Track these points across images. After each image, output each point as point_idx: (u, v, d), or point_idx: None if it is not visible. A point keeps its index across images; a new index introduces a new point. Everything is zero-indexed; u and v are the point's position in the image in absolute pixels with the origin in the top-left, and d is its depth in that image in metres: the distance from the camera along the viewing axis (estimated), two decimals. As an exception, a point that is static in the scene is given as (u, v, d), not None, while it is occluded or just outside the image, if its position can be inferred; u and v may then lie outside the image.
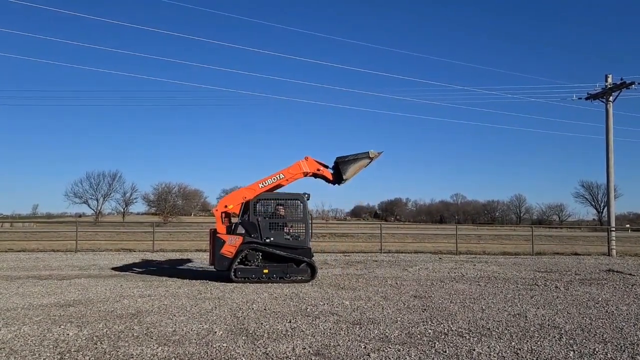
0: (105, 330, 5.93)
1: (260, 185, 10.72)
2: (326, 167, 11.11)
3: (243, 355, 5.00)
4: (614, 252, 20.28)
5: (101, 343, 5.37)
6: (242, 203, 10.50)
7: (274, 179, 10.76)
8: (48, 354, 4.95)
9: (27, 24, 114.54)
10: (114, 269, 12.99)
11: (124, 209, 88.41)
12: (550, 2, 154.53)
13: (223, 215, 10.51)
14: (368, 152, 10.95)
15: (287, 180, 10.90)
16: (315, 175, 11.13)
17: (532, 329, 6.35)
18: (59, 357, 4.88)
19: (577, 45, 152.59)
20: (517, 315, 7.19)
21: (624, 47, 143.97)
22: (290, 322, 6.54)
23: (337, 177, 10.93)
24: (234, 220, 10.81)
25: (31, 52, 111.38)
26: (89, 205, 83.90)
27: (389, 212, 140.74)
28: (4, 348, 5.16)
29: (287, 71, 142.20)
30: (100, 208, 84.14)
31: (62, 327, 6.11)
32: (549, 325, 6.59)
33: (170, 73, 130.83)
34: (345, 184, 11.09)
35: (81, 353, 5.00)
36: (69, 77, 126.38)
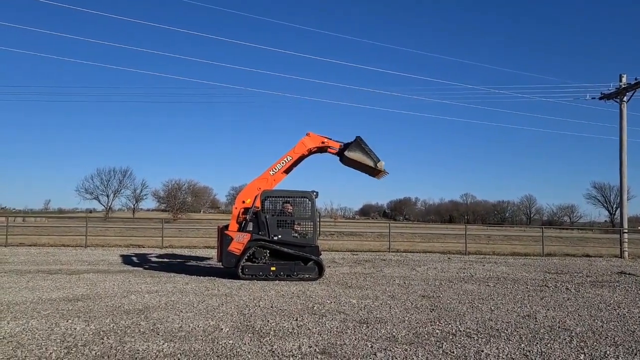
0: (112, 326, 5.95)
1: (271, 172, 10.77)
2: (330, 139, 11.15)
3: (249, 353, 4.98)
4: (626, 254, 19.98)
5: (107, 338, 5.38)
6: (258, 195, 10.35)
7: (283, 163, 10.83)
8: (55, 348, 4.97)
9: (44, 21, 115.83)
10: (123, 264, 13.06)
11: (134, 205, 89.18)
12: (564, 3, 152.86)
13: (241, 212, 10.48)
14: (380, 160, 10.84)
15: (294, 161, 10.94)
16: (321, 150, 11.15)
17: (542, 330, 6.26)
18: (65, 351, 4.89)
19: (591, 46, 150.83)
20: (527, 317, 7.10)
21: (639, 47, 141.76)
22: (296, 320, 6.51)
23: (343, 150, 10.89)
24: None
25: (42, 48, 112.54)
26: (99, 201, 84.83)
27: (398, 211, 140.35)
28: (11, 341, 5.19)
29: (298, 70, 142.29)
30: (111, 204, 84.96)
31: (70, 321, 6.14)
32: (559, 327, 6.49)
33: (182, 70, 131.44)
34: (343, 162, 11.10)
35: (87, 347, 5.01)
36: (83, 73, 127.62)
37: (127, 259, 14.36)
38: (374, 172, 11.02)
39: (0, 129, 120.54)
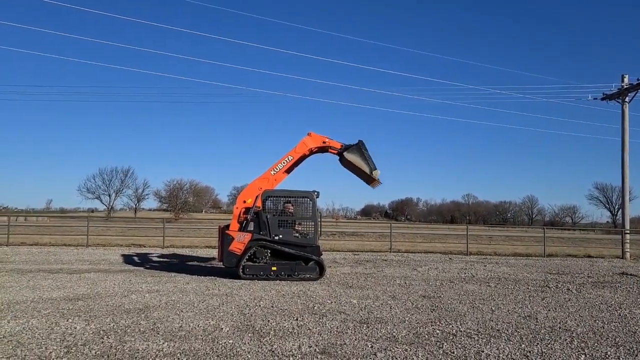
0: (112, 325, 5.95)
1: (272, 172, 10.79)
2: (331, 139, 11.20)
3: (249, 352, 4.97)
4: (627, 255, 19.95)
5: (107, 337, 5.38)
6: (259, 195, 10.34)
7: (284, 163, 10.86)
8: (54, 347, 4.97)
9: (46, 21, 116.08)
10: (124, 264, 13.07)
11: (135, 205, 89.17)
12: (565, 3, 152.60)
13: (242, 211, 10.47)
14: (376, 169, 10.92)
15: (295, 160, 10.98)
16: (322, 150, 11.18)
17: (542, 331, 6.25)
18: (65, 350, 4.89)
19: (593, 46, 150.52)
20: (528, 317, 7.08)
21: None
22: (297, 320, 6.51)
23: (343, 151, 10.97)
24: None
25: (44, 48, 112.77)
26: (101, 201, 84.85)
27: (399, 211, 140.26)
28: (11, 341, 5.19)
29: (299, 70, 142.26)
30: (113, 203, 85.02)
31: (70, 320, 6.14)
32: (560, 327, 6.48)
33: (185, 70, 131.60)
34: (342, 163, 11.17)
35: (87, 347, 5.01)
36: (85, 73, 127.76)
37: (128, 259, 14.37)
38: (369, 179, 11.06)
39: (2, 128, 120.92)
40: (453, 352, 5.16)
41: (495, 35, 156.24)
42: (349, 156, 10.84)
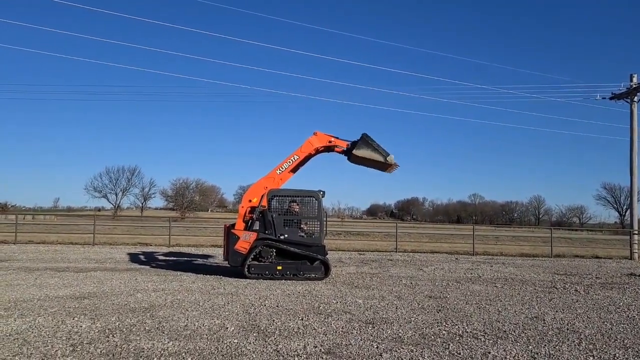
0: (117, 324, 5.96)
1: (278, 171, 10.79)
2: (337, 138, 11.15)
3: (253, 352, 4.96)
4: (636, 255, 19.78)
5: (113, 336, 5.39)
6: (265, 194, 10.34)
7: (289, 162, 10.83)
8: (60, 346, 4.98)
9: (57, 21, 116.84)
10: (130, 262, 13.11)
11: (142, 204, 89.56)
12: (574, 3, 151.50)
13: (248, 210, 10.46)
14: (389, 154, 10.83)
15: (301, 160, 10.94)
16: (328, 149, 11.13)
17: (550, 332, 6.19)
18: (71, 348, 4.90)
19: (602, 45, 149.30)
20: (535, 318, 7.02)
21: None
22: (302, 319, 6.49)
23: (350, 149, 10.90)
24: None
25: (51, 47, 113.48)
26: (108, 200, 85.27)
27: (405, 211, 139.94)
28: (17, 339, 5.21)
29: (306, 69, 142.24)
30: (119, 202, 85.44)
31: (76, 319, 6.16)
32: (567, 329, 6.41)
33: (191, 70, 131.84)
34: (352, 160, 11.11)
35: (93, 345, 5.02)
36: (92, 72, 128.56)
37: (134, 257, 14.42)
38: (385, 166, 11.02)
39: (10, 127, 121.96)
40: (459, 353, 5.12)
41: (504, 35, 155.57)
42: (359, 152, 10.76)
